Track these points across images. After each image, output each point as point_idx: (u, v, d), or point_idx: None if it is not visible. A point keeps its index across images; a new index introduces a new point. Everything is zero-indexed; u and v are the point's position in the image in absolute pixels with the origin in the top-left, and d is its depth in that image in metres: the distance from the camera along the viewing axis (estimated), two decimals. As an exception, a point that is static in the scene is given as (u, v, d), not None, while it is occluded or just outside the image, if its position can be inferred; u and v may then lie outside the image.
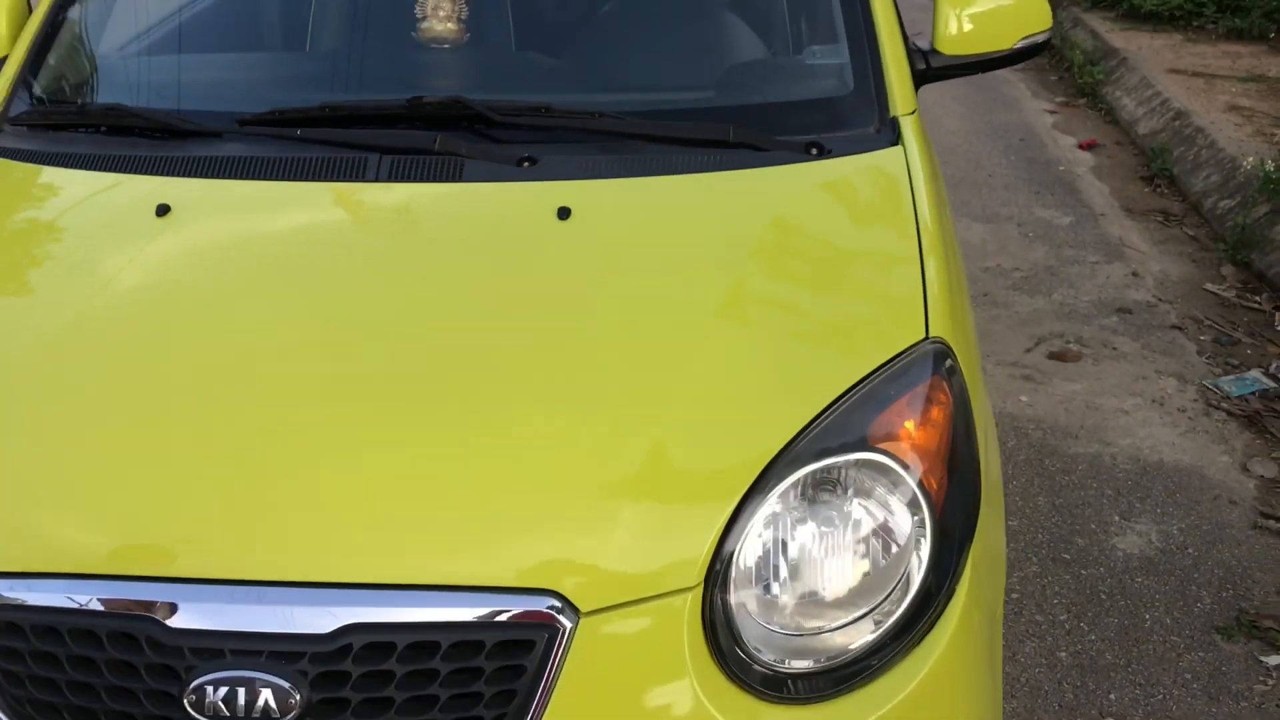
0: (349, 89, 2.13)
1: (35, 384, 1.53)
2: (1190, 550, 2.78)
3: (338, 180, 1.80)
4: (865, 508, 1.43)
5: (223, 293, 1.65)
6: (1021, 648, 2.48)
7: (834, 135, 1.92)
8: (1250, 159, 4.59)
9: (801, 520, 1.41)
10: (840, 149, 1.88)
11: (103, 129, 2.01)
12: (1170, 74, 5.93)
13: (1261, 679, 2.40)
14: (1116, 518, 2.90)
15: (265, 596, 1.33)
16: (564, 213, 1.70)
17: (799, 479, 1.40)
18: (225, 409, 1.47)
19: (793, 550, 1.40)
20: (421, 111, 1.89)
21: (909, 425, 1.47)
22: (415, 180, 1.78)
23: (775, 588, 1.39)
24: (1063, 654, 2.47)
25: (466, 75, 2.10)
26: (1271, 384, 3.46)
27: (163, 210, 1.75)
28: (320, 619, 1.31)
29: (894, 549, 1.42)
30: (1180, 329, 3.83)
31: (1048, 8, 2.30)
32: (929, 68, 2.21)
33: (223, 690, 1.30)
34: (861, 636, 1.40)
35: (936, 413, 1.50)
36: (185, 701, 1.30)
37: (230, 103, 2.05)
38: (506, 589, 1.33)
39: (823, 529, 1.41)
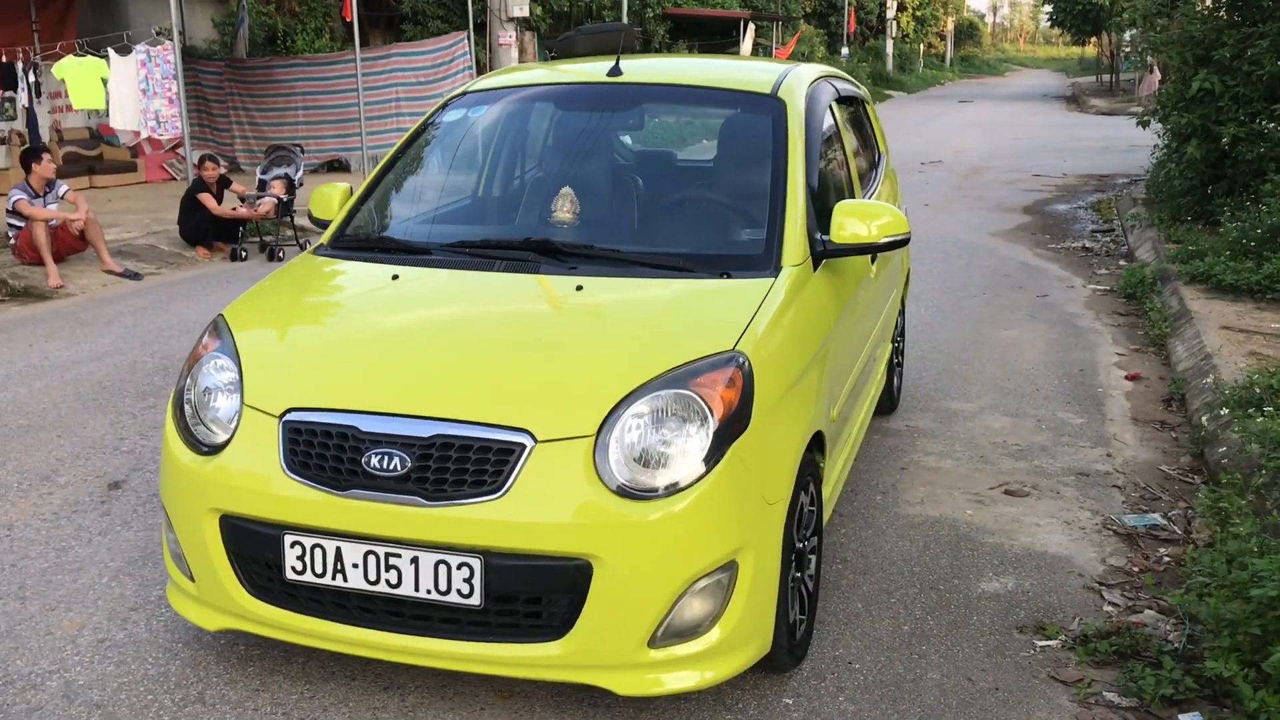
0: (501, 233, 4.02)
1: (337, 335, 3.41)
2: (1030, 594, 4.02)
3: (480, 271, 3.64)
4: (682, 417, 2.99)
5: (418, 305, 3.52)
6: (881, 623, 3.80)
7: (744, 270, 3.58)
8: (1229, 385, 5.78)
9: (649, 415, 2.98)
10: (740, 276, 3.53)
11: (376, 249, 3.96)
12: (1221, 330, 7.13)
13: (1028, 650, 3.63)
14: (990, 574, 4.18)
15: (398, 420, 3.02)
16: (580, 287, 3.45)
17: (653, 394, 2.99)
18: (407, 349, 3.26)
19: (643, 428, 2.97)
20: (529, 245, 3.73)
21: (712, 382, 3.04)
22: (515, 272, 3.59)
23: (630, 443, 2.95)
24: (906, 628, 3.78)
25: (558, 232, 3.91)
26: (1163, 522, 4.64)
27: (395, 277, 3.63)
28: (424, 429, 2.99)
29: (689, 439, 2.96)
30: (1119, 488, 5.05)
31: (905, 221, 3.88)
32: (825, 249, 3.82)
33: (379, 458, 2.98)
34: (670, 476, 2.94)
35: (728, 382, 3.05)
36: (362, 461, 2.99)
37: (439, 238, 3.99)
38: (507, 425, 2.97)
39: (659, 422, 2.98)
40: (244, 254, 11.23)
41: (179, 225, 11.41)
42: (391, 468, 2.96)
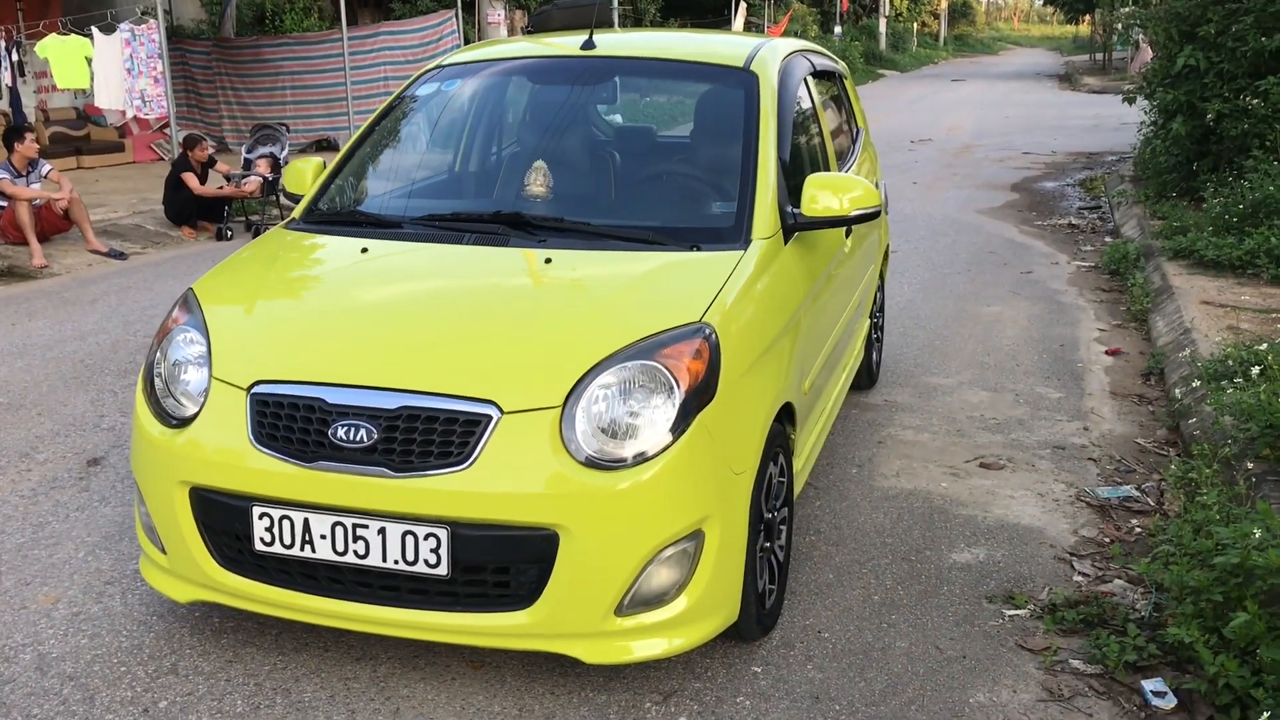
0: (472, 207, 4.03)
1: (305, 308, 3.42)
2: (1001, 565, 4.06)
3: (449, 244, 3.64)
4: (648, 388, 3.00)
5: (387, 278, 3.53)
6: (851, 592, 3.83)
7: (713, 243, 3.59)
8: (1204, 358, 5.81)
9: (616, 386, 2.99)
10: (710, 249, 3.54)
11: (347, 223, 3.96)
12: (1201, 304, 7.16)
13: (996, 620, 3.66)
14: (962, 545, 4.21)
15: (364, 393, 3.04)
16: (549, 260, 3.45)
17: (620, 365, 3.00)
18: (375, 322, 3.27)
19: (610, 399, 2.98)
20: (499, 218, 3.74)
21: (679, 354, 3.05)
22: (485, 245, 3.60)
23: (597, 414, 2.97)
24: (876, 598, 3.81)
25: (529, 205, 3.92)
26: (1137, 494, 4.67)
27: (365, 250, 3.64)
28: (391, 401, 3.00)
29: (655, 410, 2.98)
30: (1095, 460, 5.08)
31: (876, 193, 3.89)
32: (796, 221, 3.83)
33: (345, 429, 2.99)
34: (636, 447, 2.95)
35: (695, 353, 3.07)
36: (329, 432, 3.00)
37: (410, 211, 4.00)
38: (473, 397, 2.98)
39: (626, 393, 2.99)
40: (229, 233, 11.21)
41: (164, 205, 11.39)
42: (358, 439, 2.97)
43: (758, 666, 3.37)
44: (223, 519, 3.16)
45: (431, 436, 2.95)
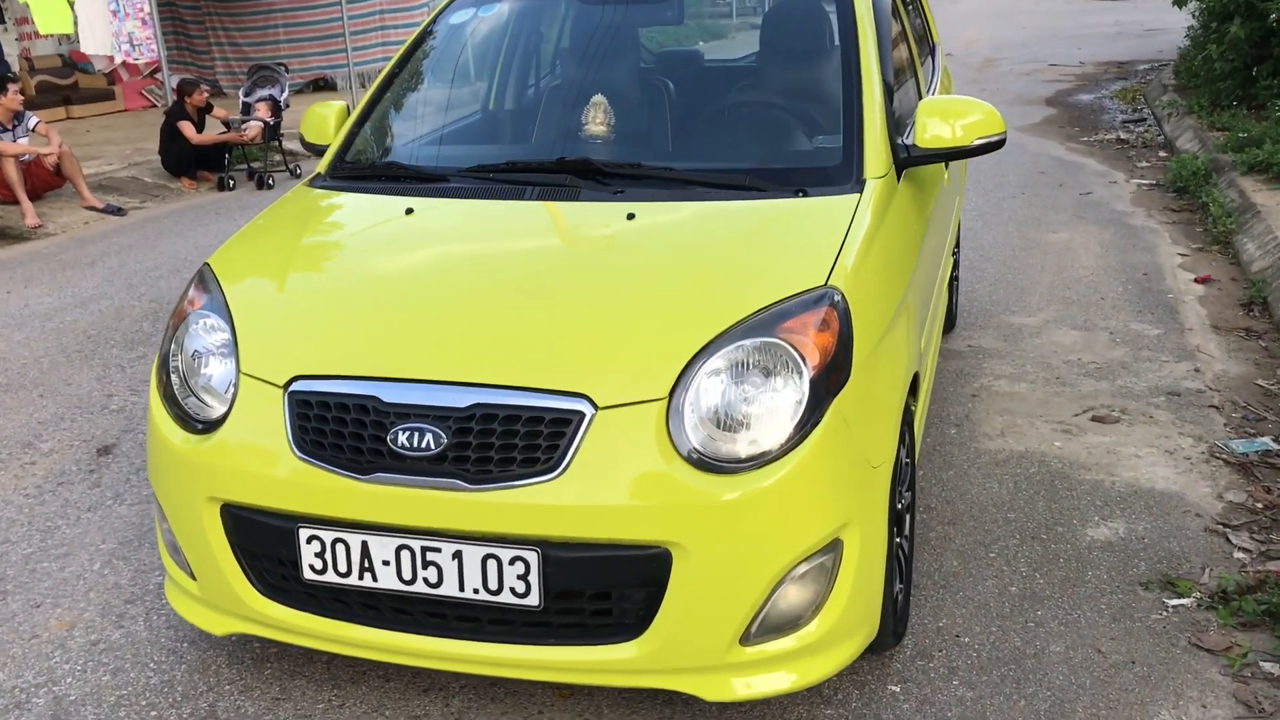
0: (529, 153, 3.45)
1: (347, 284, 2.86)
2: (1145, 540, 3.54)
3: (509, 200, 3.07)
4: (769, 370, 2.47)
5: (440, 244, 2.98)
6: (983, 583, 3.33)
7: (822, 186, 3.03)
8: (1323, 284, 5.26)
9: (732, 371, 2.46)
10: (819, 193, 2.98)
11: (383, 177, 3.39)
12: (1294, 223, 6.58)
13: (1160, 612, 3.16)
14: (1096, 518, 3.69)
15: (427, 389, 2.50)
16: (632, 216, 2.89)
17: (734, 345, 2.47)
18: (433, 300, 2.72)
19: (725, 386, 2.45)
20: (564, 166, 3.16)
21: (803, 326, 2.51)
22: (551, 200, 3.02)
23: (711, 406, 2.43)
24: (1013, 589, 3.30)
25: (594, 149, 3.34)
26: (1276, 446, 4.15)
27: (409, 211, 3.07)
28: (460, 398, 2.46)
29: (781, 397, 2.44)
30: (1217, 408, 4.55)
31: (1000, 118, 3.31)
32: (909, 155, 3.26)
33: (407, 434, 2.46)
34: (759, 443, 2.42)
35: (823, 325, 2.52)
36: (387, 438, 2.47)
37: (456, 161, 3.42)
38: (561, 391, 2.44)
39: (743, 380, 2.46)
40: (232, 183, 10.61)
41: (160, 155, 10.78)
42: (423, 446, 2.44)
43: (895, 685, 2.88)
44: (262, 542, 2.65)
45: (512, 440, 2.42)
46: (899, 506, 2.94)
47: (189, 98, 10.60)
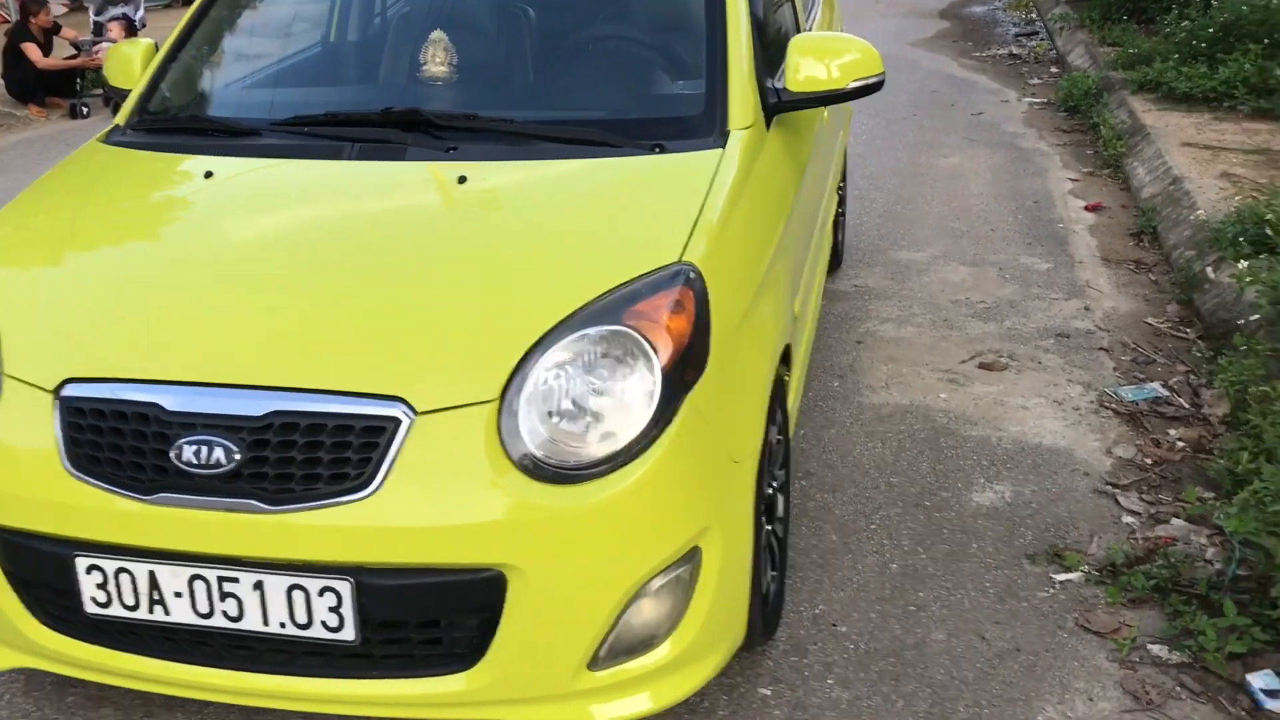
0: (353, 102, 3.04)
1: (130, 269, 2.46)
2: (1032, 505, 3.36)
3: (324, 160, 2.69)
4: (617, 361, 2.16)
5: (239, 217, 2.57)
6: (863, 560, 3.12)
7: (680, 140, 2.70)
8: (1212, 216, 5.12)
9: (574, 364, 2.15)
10: (676, 149, 2.66)
11: (186, 131, 2.96)
12: (1183, 147, 6.45)
13: (1046, 589, 2.98)
14: (981, 480, 3.50)
15: (218, 394, 2.15)
16: (463, 179, 2.53)
17: (576, 335, 2.15)
18: (227, 287, 2.34)
19: (566, 382, 2.14)
20: (389, 117, 2.77)
21: (655, 311, 2.20)
22: (372, 159, 2.65)
23: (550, 407, 2.13)
24: (894, 566, 3.10)
25: (429, 95, 2.96)
26: (1165, 393, 4.00)
27: (209, 174, 2.67)
28: (256, 405, 2.12)
29: (630, 393, 2.15)
30: (1107, 350, 4.38)
31: (878, 57, 3.01)
32: (780, 100, 2.95)
33: (195, 448, 2.11)
34: (605, 447, 2.13)
35: (677, 308, 2.22)
36: (172, 453, 2.12)
37: (271, 112, 2.99)
38: (373, 394, 2.11)
39: (587, 373, 2.15)
40: (85, 110, 9.88)
41: (3, 81, 9.97)
42: (213, 461, 2.10)
43: (766, 688, 2.65)
44: (38, 570, 2.30)
45: (317, 453, 2.09)
46: (770, 490, 2.70)
47: (33, 18, 9.80)
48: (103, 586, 2.21)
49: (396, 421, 2.09)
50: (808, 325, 3.62)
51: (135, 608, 2.20)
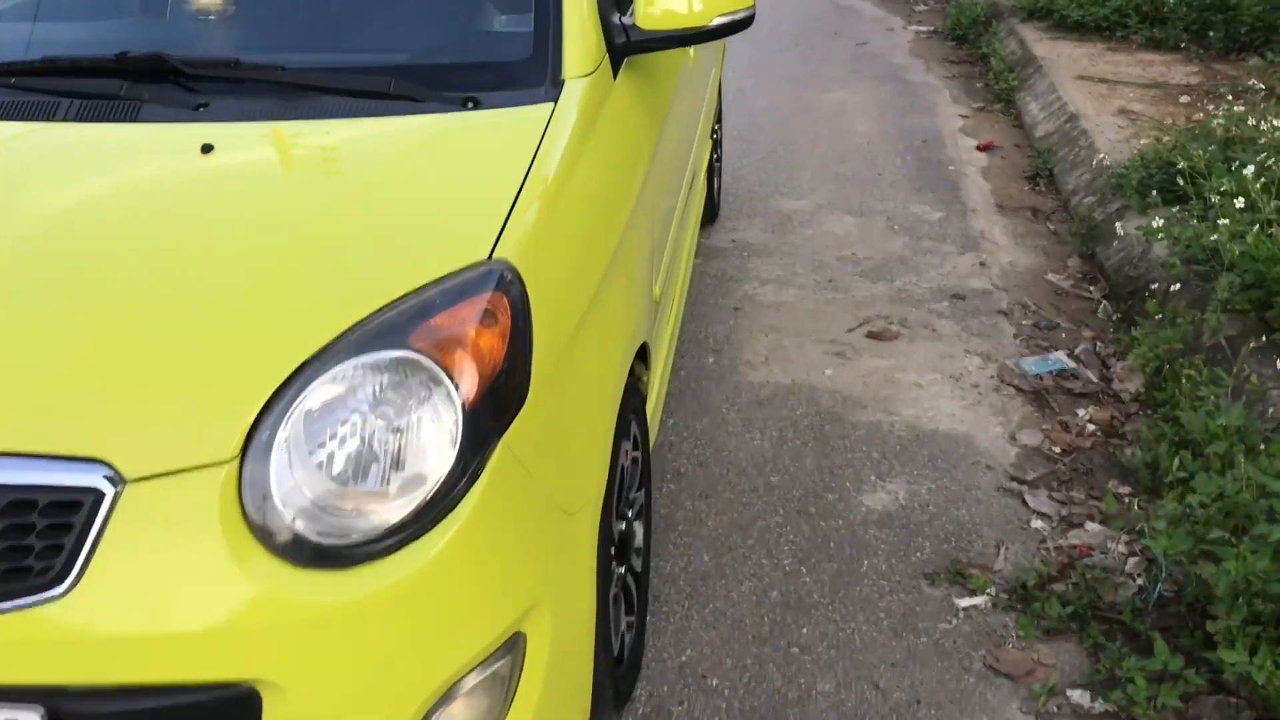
0: (82, 44, 2.38)
1: None
2: (930, 508, 2.94)
3: (32, 121, 2.05)
4: (404, 398, 1.62)
5: None
6: (739, 587, 2.66)
7: (501, 93, 2.14)
8: (1112, 158, 4.74)
9: (343, 405, 1.60)
10: (495, 103, 2.09)
11: None
12: (1077, 80, 6.07)
13: (949, 619, 2.55)
14: (873, 478, 3.06)
15: None
16: (207, 148, 1.93)
17: (347, 364, 1.60)
18: None
19: (333, 432, 1.60)
20: (125, 64, 2.13)
21: (454, 330, 1.66)
22: (92, 120, 2.02)
23: (312, 465, 1.58)
24: (774, 594, 2.64)
25: (183, 35, 2.34)
26: (1071, 364, 3.61)
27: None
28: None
29: (421, 440, 1.61)
30: (1005, 314, 3.98)
31: (747, -14, 2.49)
32: (629, 40, 2.40)
33: None
34: (385, 516, 1.59)
35: (486, 322, 1.69)
36: None
37: None
38: (65, 456, 1.54)
39: (362, 414, 1.61)
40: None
41: None
42: None
43: (621, 769, 2.18)
44: None
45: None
46: (623, 526, 2.21)
47: None
48: None
49: (97, 493, 1.52)
50: (674, 304, 3.11)
51: None
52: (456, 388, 1.63)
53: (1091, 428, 3.27)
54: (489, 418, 1.65)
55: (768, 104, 6.45)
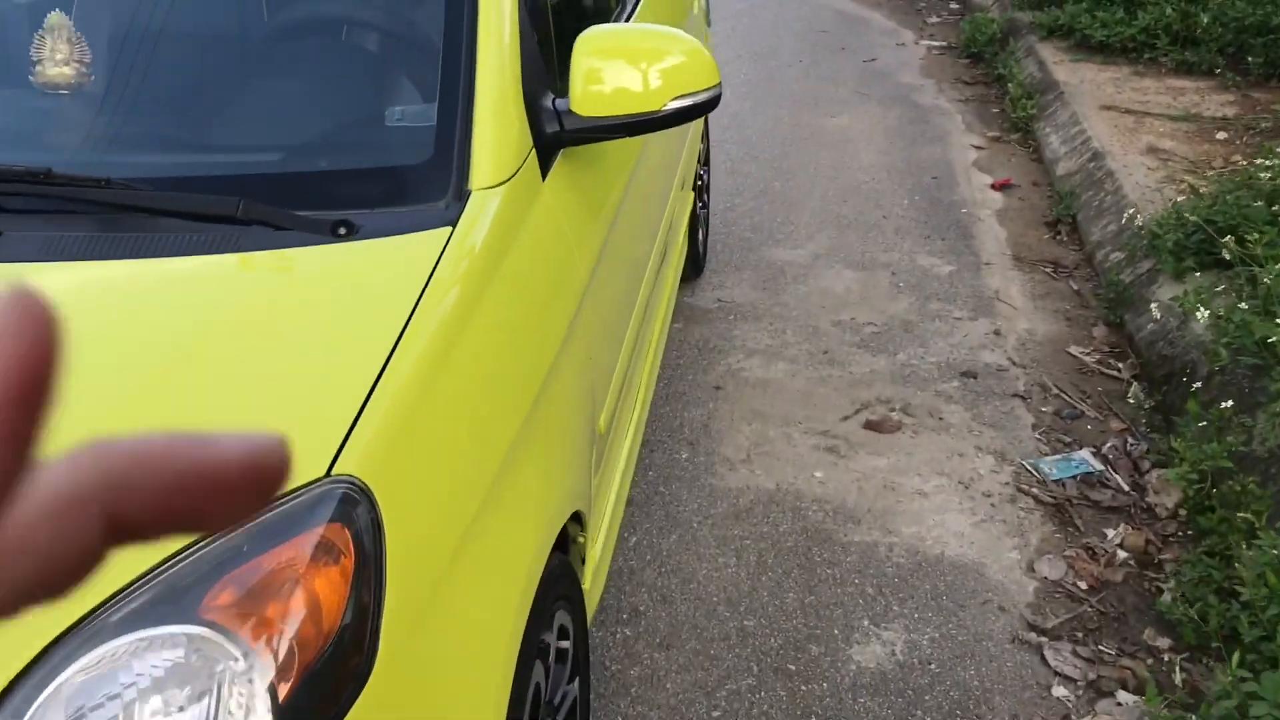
0: None
1: None
2: (933, 667, 2.48)
3: None
4: (187, 693, 1.17)
5: None
6: (699, 778, 2.20)
7: (387, 211, 1.68)
8: (1142, 210, 4.26)
9: (102, 698, 1.15)
10: (376, 229, 1.63)
11: None
12: (1102, 110, 5.58)
13: (952, 832, 2.10)
14: (866, 623, 2.60)
15: None
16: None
17: (105, 652, 1.16)
18: None
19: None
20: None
21: (266, 591, 1.21)
22: None
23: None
24: (742, 788, 2.19)
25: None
26: (1098, 467, 3.14)
27: None
28: None
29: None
30: (1023, 398, 3.51)
31: (712, 65, 2.02)
32: (563, 129, 1.94)
33: None
34: None
35: (317, 571, 1.24)
36: None
37: None
38: None
39: (125, 714, 1.16)
40: None
41: None
42: None
43: None
44: None
45: None
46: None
47: None
48: None
49: None
50: (641, 391, 2.67)
51: None
52: (269, 665, 1.18)
53: (1123, 555, 2.80)
54: (314, 706, 1.20)
55: (765, 129, 5.97)
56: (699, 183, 4.10)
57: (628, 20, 2.80)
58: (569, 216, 1.96)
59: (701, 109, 2.00)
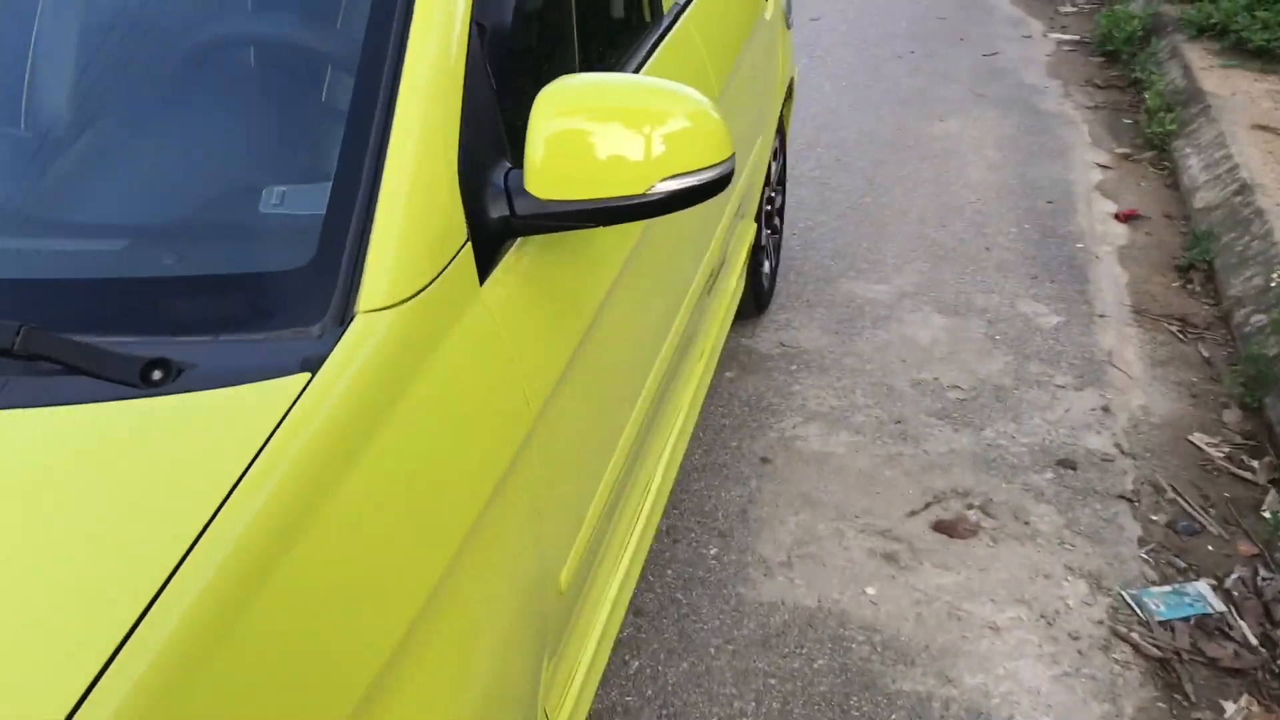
0: None
1: None
2: None
3: None
4: None
5: None
6: None
7: (235, 339, 1.21)
8: (1297, 267, 3.60)
9: None
10: (209, 370, 1.16)
11: None
12: (1255, 131, 4.86)
13: None
14: (904, 813, 2.09)
15: None
16: None
17: None
18: None
19: None
20: None
21: None
22: None
23: None
24: None
25: None
26: (1218, 607, 2.55)
27: None
28: None
29: None
30: (1131, 501, 2.92)
31: (724, 132, 1.49)
32: (513, 215, 1.44)
33: None
34: None
35: None
36: None
37: None
38: None
39: None
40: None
41: None
42: None
43: None
44: None
45: None
46: None
47: None
48: None
49: None
50: (653, 491, 2.18)
51: None
52: None
53: (1245, 743, 2.23)
54: None
55: (863, 132, 5.37)
56: (768, 207, 3.57)
57: (661, 36, 2.27)
58: (520, 325, 1.46)
59: (703, 193, 1.48)
